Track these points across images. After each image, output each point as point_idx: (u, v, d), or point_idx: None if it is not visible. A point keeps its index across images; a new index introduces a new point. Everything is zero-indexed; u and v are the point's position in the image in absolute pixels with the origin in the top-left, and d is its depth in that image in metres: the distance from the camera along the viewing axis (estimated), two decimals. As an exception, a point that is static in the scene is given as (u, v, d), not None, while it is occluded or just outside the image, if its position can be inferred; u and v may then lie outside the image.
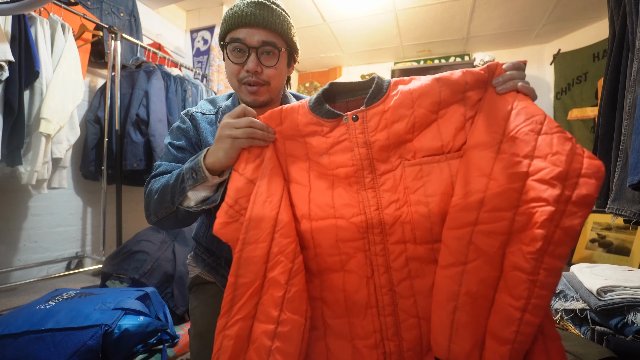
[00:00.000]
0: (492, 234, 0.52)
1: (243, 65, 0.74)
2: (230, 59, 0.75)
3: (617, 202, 0.92)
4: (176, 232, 1.61)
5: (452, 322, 0.53)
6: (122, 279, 1.38)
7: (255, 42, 0.72)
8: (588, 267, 1.24)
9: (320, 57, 4.10)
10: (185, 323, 1.38)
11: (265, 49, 0.73)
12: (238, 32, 0.73)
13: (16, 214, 1.89)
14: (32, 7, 1.19)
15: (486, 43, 3.63)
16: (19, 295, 1.72)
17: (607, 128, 1.04)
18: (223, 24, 0.76)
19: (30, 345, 0.82)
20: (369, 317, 0.62)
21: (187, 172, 0.67)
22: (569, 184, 0.48)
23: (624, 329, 0.90)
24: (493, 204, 0.52)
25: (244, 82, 0.75)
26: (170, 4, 2.85)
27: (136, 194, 2.57)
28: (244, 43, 0.72)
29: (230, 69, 0.76)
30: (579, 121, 3.17)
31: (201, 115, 0.84)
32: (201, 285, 0.93)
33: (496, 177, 0.53)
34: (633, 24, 0.89)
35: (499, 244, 0.52)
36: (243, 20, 0.71)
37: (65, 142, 1.75)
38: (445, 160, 0.59)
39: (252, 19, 0.71)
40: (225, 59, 0.77)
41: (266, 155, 0.65)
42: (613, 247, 2.45)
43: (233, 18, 0.73)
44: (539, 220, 0.48)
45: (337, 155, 0.63)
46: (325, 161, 0.64)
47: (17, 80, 1.46)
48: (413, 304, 0.60)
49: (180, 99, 2.34)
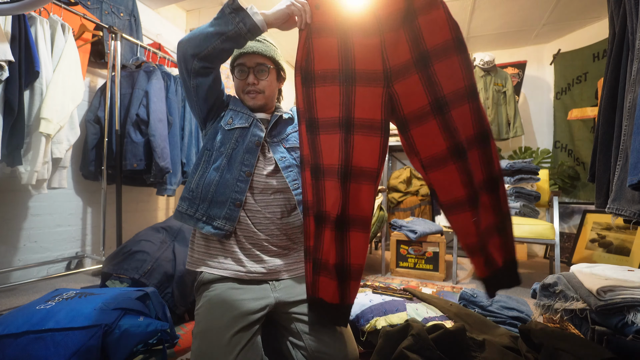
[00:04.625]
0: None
1: (245, 81, 1.04)
2: (237, 77, 1.06)
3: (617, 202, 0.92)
4: (176, 232, 1.61)
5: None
6: (122, 279, 1.38)
7: (252, 64, 1.03)
8: (588, 267, 1.24)
9: (320, 57, 4.10)
10: (186, 323, 1.39)
11: (259, 68, 1.03)
12: (241, 59, 1.04)
13: (16, 214, 1.89)
14: (32, 7, 1.19)
15: (486, 43, 3.63)
16: (19, 295, 1.72)
17: (607, 128, 1.04)
18: (233, 56, 1.05)
19: (30, 345, 0.82)
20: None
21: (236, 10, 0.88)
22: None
23: (624, 329, 0.90)
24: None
25: (246, 92, 1.05)
26: (170, 4, 2.86)
27: (136, 194, 2.58)
28: (245, 65, 1.03)
29: (237, 84, 1.07)
30: (579, 121, 3.17)
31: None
32: (207, 285, 0.96)
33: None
34: (633, 24, 0.89)
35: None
36: (244, 50, 1.02)
37: (65, 142, 1.75)
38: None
39: (250, 49, 1.01)
40: (234, 78, 1.08)
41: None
42: (613, 247, 2.45)
43: (238, 51, 1.03)
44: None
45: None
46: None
47: (17, 80, 1.46)
48: None
49: (180, 99, 2.34)
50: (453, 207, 0.86)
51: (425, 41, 0.83)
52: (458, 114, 0.82)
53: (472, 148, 0.83)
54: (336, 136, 0.87)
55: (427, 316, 1.17)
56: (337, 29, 0.87)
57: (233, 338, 0.82)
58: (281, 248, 1.02)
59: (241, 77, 1.04)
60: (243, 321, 0.86)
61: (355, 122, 0.86)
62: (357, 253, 0.87)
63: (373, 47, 0.85)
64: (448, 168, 0.84)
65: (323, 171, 0.89)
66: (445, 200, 0.87)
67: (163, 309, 1.10)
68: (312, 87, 0.89)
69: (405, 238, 2.38)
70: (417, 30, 0.83)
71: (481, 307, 1.35)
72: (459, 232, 0.87)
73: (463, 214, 0.84)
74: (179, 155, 2.26)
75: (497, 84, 3.16)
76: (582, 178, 3.21)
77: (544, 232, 2.00)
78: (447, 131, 0.83)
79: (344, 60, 0.87)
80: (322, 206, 0.89)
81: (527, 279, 2.29)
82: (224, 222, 0.95)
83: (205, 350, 0.81)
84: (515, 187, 2.34)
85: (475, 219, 0.83)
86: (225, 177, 0.97)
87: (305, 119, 0.90)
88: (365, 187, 0.87)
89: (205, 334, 0.84)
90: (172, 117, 2.21)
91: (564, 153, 3.37)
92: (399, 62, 0.85)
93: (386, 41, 0.85)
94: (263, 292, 0.95)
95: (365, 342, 1.14)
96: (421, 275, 2.31)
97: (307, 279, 0.92)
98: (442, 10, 0.83)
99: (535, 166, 2.33)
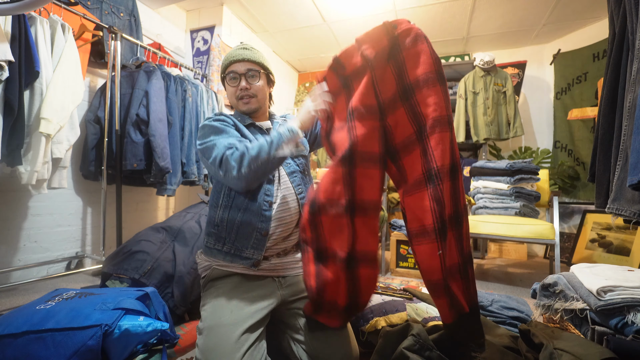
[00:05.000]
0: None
1: (237, 87, 1.08)
2: (229, 85, 1.10)
3: (617, 202, 0.92)
4: (176, 232, 1.61)
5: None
6: (122, 279, 1.38)
7: (243, 70, 1.07)
8: (588, 267, 1.24)
9: (320, 57, 4.10)
10: (186, 323, 1.38)
11: (250, 73, 1.08)
12: (232, 66, 1.08)
13: (16, 214, 1.89)
14: (32, 7, 1.19)
15: (486, 43, 3.63)
16: (19, 295, 1.72)
17: (607, 128, 1.04)
18: (222, 64, 1.11)
19: (30, 345, 0.82)
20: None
21: (285, 131, 0.92)
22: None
23: (624, 329, 0.90)
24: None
25: (239, 97, 1.09)
26: (170, 4, 2.86)
27: (136, 194, 2.58)
28: (237, 72, 1.07)
29: (230, 92, 1.11)
30: (579, 121, 3.17)
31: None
32: (216, 281, 0.99)
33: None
34: (633, 24, 0.89)
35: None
36: (234, 58, 1.07)
37: (65, 142, 1.75)
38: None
39: (239, 57, 1.07)
40: (226, 86, 1.12)
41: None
42: (613, 247, 2.45)
43: (228, 59, 1.09)
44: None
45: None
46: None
47: (17, 80, 1.46)
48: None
49: (180, 99, 2.34)
50: (419, 235, 0.85)
51: (408, 74, 0.88)
52: (436, 141, 0.84)
53: (445, 179, 0.83)
54: (339, 171, 0.88)
55: (427, 316, 1.17)
56: (342, 86, 0.95)
57: (242, 336, 0.83)
58: (289, 246, 1.05)
59: (233, 83, 1.09)
60: (251, 319, 0.87)
61: (357, 155, 0.88)
62: (367, 289, 0.91)
63: (367, 83, 0.90)
64: (421, 194, 0.85)
65: (323, 206, 0.90)
66: (413, 227, 0.87)
67: (163, 309, 1.10)
68: (333, 138, 0.94)
69: (405, 238, 2.38)
70: (401, 64, 0.89)
71: (481, 307, 1.35)
72: (423, 266, 0.85)
73: (429, 245, 0.82)
74: (179, 155, 2.26)
75: (497, 84, 3.16)
76: (582, 178, 3.21)
77: (544, 232, 2.00)
78: (425, 156, 0.85)
79: (349, 103, 0.92)
80: (323, 242, 0.89)
81: (527, 279, 2.29)
82: (252, 251, 0.98)
83: (213, 346, 0.81)
84: (515, 187, 2.34)
85: (440, 253, 0.81)
86: (249, 209, 0.99)
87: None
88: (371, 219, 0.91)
89: (213, 330, 0.85)
90: (172, 117, 2.21)
91: (564, 153, 3.37)
92: (388, 95, 0.91)
93: (377, 77, 0.90)
94: (270, 289, 0.96)
95: (365, 342, 1.14)
96: (421, 276, 2.31)
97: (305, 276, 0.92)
98: (425, 44, 0.87)
99: (535, 166, 2.33)
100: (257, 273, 0.98)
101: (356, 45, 0.91)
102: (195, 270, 1.46)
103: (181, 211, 1.88)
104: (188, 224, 1.69)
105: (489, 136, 3.10)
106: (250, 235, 0.98)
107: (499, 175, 2.41)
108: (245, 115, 1.12)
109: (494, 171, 2.43)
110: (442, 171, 0.82)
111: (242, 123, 1.09)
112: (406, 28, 0.88)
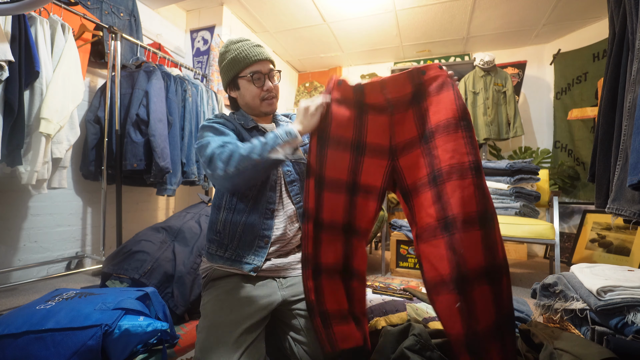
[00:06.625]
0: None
1: (263, 87, 1.03)
2: (254, 85, 1.03)
3: (617, 202, 0.92)
4: (176, 232, 1.61)
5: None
6: (122, 279, 1.38)
7: (267, 70, 1.03)
8: (588, 267, 1.23)
9: (320, 57, 4.10)
10: (186, 323, 1.38)
11: (271, 73, 1.05)
12: (255, 66, 1.02)
13: (16, 214, 1.89)
14: (32, 7, 1.19)
15: (486, 43, 3.63)
16: (19, 295, 1.72)
17: (607, 128, 1.04)
18: (236, 65, 1.02)
19: (30, 345, 0.82)
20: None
21: (282, 133, 0.88)
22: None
23: (624, 329, 0.90)
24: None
25: (263, 98, 1.05)
26: (170, 4, 2.86)
27: (136, 193, 2.58)
28: (261, 72, 1.02)
29: (253, 93, 1.04)
30: (579, 121, 3.17)
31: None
32: (217, 281, 0.98)
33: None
34: (633, 24, 0.89)
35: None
36: (255, 58, 1.01)
37: (65, 142, 1.75)
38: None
39: (261, 56, 1.02)
40: (245, 87, 1.04)
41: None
42: (613, 247, 2.45)
43: (247, 58, 1.01)
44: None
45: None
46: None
47: (17, 80, 1.46)
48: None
49: (180, 99, 2.34)
50: (437, 286, 0.81)
51: (430, 119, 0.89)
52: (452, 188, 0.81)
53: (473, 227, 0.78)
54: (341, 196, 0.91)
55: (427, 316, 1.17)
56: (355, 103, 0.94)
57: (241, 336, 0.83)
58: (290, 249, 1.04)
59: (259, 84, 1.04)
60: (251, 319, 0.87)
61: (360, 187, 0.93)
62: (360, 301, 0.94)
63: (382, 124, 0.93)
64: (436, 241, 0.82)
65: (323, 224, 0.91)
66: (429, 276, 0.84)
67: (163, 309, 1.10)
68: (326, 147, 0.91)
69: (405, 238, 2.38)
70: (424, 111, 0.90)
71: (481, 307, 1.34)
72: (443, 319, 0.80)
73: (446, 296, 0.78)
74: (179, 155, 2.26)
75: (497, 84, 3.16)
76: (582, 178, 3.21)
77: (544, 232, 2.00)
78: (439, 202, 0.83)
79: (357, 132, 0.93)
80: (320, 258, 0.90)
81: (527, 279, 2.29)
82: (253, 257, 0.97)
83: (211, 346, 0.81)
84: (515, 187, 2.34)
85: (459, 305, 0.76)
86: (252, 216, 0.99)
87: (314, 175, 0.91)
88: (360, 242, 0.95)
89: (212, 329, 0.84)
90: (172, 117, 2.21)
91: (564, 153, 3.37)
92: (405, 138, 0.93)
93: (395, 120, 0.93)
94: (271, 289, 0.96)
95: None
96: (421, 276, 2.30)
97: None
98: (451, 92, 0.87)
99: (535, 166, 2.33)
100: (258, 274, 0.98)
101: (380, 83, 0.91)
102: (195, 270, 1.46)
103: (181, 211, 1.88)
104: (188, 224, 1.69)
105: (489, 136, 3.10)
106: (252, 243, 0.98)
107: (499, 175, 2.41)
108: (249, 117, 1.08)
109: (494, 171, 2.43)
110: (459, 219, 0.78)
111: (245, 126, 1.06)
112: (434, 75, 0.89)
